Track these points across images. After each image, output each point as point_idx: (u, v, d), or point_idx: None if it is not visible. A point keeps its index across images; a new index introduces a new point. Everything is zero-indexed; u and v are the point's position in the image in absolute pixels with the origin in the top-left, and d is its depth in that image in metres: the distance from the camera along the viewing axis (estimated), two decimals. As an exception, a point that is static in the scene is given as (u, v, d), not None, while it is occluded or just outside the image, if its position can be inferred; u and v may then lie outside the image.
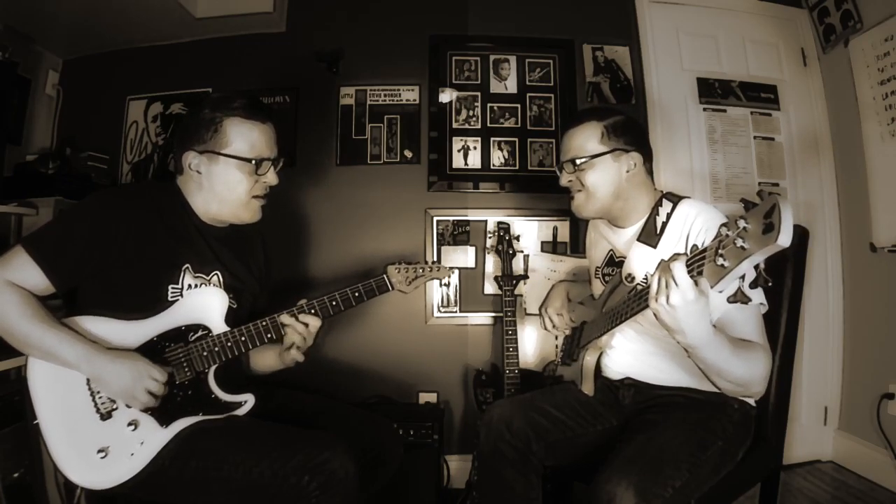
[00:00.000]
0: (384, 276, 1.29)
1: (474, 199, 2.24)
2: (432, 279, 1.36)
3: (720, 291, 0.80)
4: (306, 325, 1.21)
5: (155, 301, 1.14)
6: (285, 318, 1.20)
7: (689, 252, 0.87)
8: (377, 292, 1.28)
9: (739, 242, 0.73)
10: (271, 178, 1.25)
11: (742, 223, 0.74)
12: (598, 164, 1.25)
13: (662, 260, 0.90)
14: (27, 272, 1.05)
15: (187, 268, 1.17)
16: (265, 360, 1.35)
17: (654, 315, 0.92)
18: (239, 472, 1.03)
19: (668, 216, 1.21)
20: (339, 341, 2.15)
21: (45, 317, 1.05)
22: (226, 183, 1.20)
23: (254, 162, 1.20)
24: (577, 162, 1.27)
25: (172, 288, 1.15)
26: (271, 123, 1.25)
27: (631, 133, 1.28)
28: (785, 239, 0.67)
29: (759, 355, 1.05)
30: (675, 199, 1.24)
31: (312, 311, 1.22)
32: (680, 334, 0.91)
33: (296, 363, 1.27)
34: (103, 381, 1.05)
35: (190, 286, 1.17)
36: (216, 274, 1.23)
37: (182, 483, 1.07)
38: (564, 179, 1.32)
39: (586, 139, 1.27)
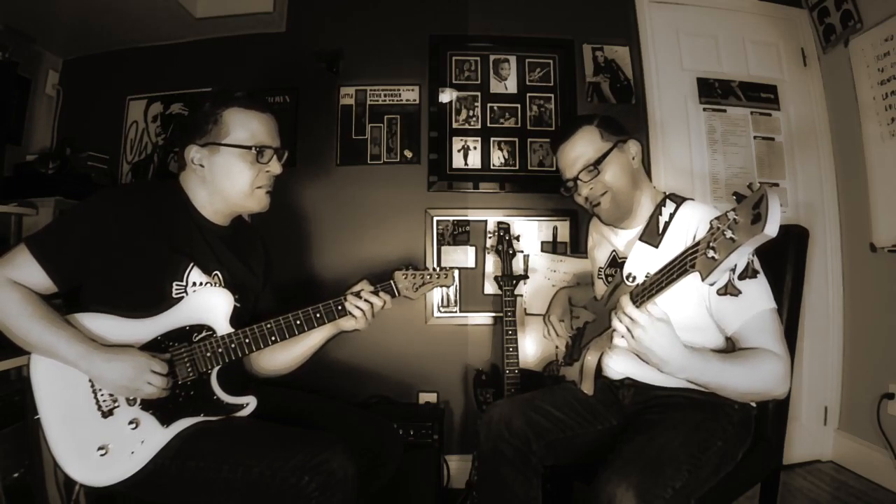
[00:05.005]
0: (391, 281, 1.29)
1: (474, 199, 2.24)
2: (439, 286, 1.35)
3: (711, 284, 0.81)
4: (371, 303, 1.24)
5: (158, 299, 1.14)
6: (351, 302, 1.22)
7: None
8: None
9: (729, 234, 0.74)
10: (274, 167, 1.24)
11: (732, 215, 0.75)
12: (612, 161, 1.26)
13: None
14: (29, 271, 1.06)
15: (193, 265, 1.17)
16: (283, 355, 1.33)
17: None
18: (238, 473, 1.03)
19: (671, 216, 1.23)
20: (339, 341, 2.11)
21: (45, 314, 1.05)
22: (228, 174, 1.19)
23: (254, 149, 1.19)
24: (594, 165, 1.25)
25: (177, 285, 1.15)
26: (271, 115, 1.25)
27: (617, 125, 1.32)
28: (772, 228, 0.68)
29: (768, 359, 1.05)
30: (678, 200, 1.26)
31: (318, 314, 1.22)
32: (662, 363, 0.97)
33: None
34: (104, 378, 1.06)
35: (195, 283, 1.17)
36: (217, 273, 1.23)
37: (182, 483, 1.07)
38: (585, 190, 1.28)
39: (589, 143, 1.27)
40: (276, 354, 1.33)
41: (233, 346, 1.16)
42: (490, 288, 2.20)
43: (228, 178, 1.20)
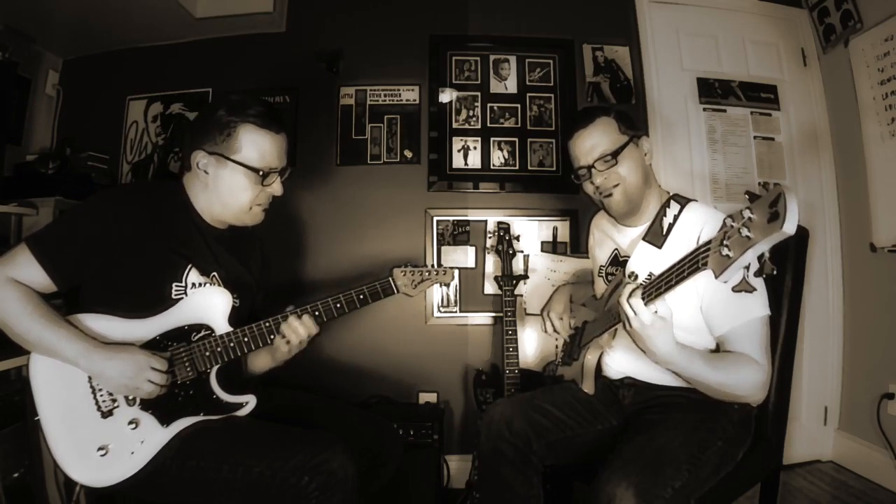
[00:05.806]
0: (389, 278, 1.27)
1: (474, 199, 2.24)
2: (438, 283, 1.34)
3: (725, 282, 0.80)
4: (304, 328, 1.19)
5: (158, 300, 1.14)
6: (293, 321, 1.18)
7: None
8: (382, 295, 1.26)
9: (745, 232, 0.74)
10: (276, 188, 1.24)
11: (747, 213, 0.75)
12: (628, 154, 1.25)
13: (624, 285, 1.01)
14: (30, 270, 1.06)
15: (191, 266, 1.17)
16: (259, 360, 1.35)
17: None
18: (238, 472, 1.03)
19: (676, 218, 1.23)
20: (339, 341, 2.14)
21: (45, 313, 1.05)
22: (230, 188, 1.19)
23: (261, 173, 1.19)
24: (611, 156, 1.23)
25: (176, 286, 1.15)
26: (285, 134, 1.24)
27: (631, 120, 1.32)
28: (790, 226, 0.68)
29: (748, 367, 1.07)
30: (683, 201, 1.26)
31: (317, 312, 1.21)
32: (650, 354, 1.01)
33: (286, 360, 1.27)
34: (104, 376, 1.05)
35: (194, 284, 1.17)
36: (214, 275, 1.23)
37: (182, 483, 1.07)
38: (599, 179, 1.26)
39: (606, 133, 1.26)
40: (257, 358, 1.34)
41: (231, 345, 1.16)
42: (490, 288, 2.20)
43: (230, 193, 1.20)
